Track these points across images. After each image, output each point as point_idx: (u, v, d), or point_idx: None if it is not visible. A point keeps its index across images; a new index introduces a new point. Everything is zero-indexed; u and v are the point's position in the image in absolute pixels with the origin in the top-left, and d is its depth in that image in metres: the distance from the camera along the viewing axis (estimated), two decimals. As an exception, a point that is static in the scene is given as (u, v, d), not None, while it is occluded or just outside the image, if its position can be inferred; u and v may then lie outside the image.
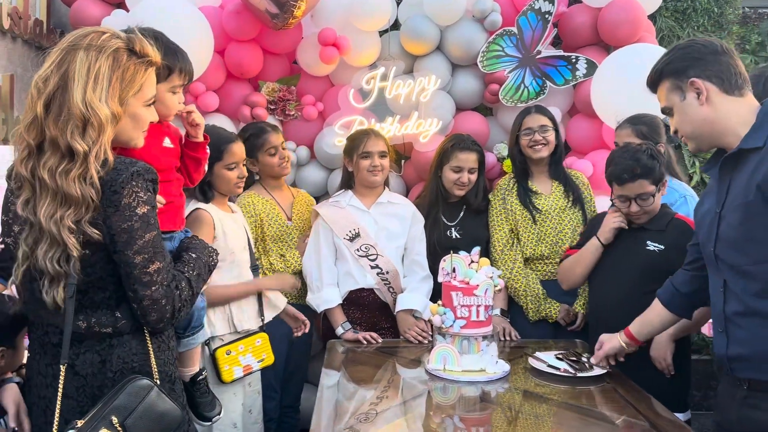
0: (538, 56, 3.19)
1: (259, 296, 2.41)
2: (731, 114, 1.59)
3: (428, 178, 2.95)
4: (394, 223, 2.72)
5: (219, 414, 1.93)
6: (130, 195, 1.36)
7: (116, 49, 1.39)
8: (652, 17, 3.57)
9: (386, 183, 2.83)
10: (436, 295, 2.67)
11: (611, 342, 2.10)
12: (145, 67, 1.44)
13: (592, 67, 3.14)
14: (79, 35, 1.39)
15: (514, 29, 3.17)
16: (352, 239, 2.65)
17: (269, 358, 2.33)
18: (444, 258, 2.23)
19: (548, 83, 3.19)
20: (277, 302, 2.50)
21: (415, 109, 3.24)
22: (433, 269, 2.70)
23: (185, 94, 3.16)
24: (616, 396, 1.98)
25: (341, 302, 2.63)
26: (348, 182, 2.81)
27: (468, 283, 2.14)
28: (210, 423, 1.91)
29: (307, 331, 2.62)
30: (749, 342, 1.57)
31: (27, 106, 1.38)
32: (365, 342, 2.52)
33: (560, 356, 2.23)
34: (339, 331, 2.58)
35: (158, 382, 1.45)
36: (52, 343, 1.43)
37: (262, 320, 2.39)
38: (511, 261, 2.71)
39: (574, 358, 2.19)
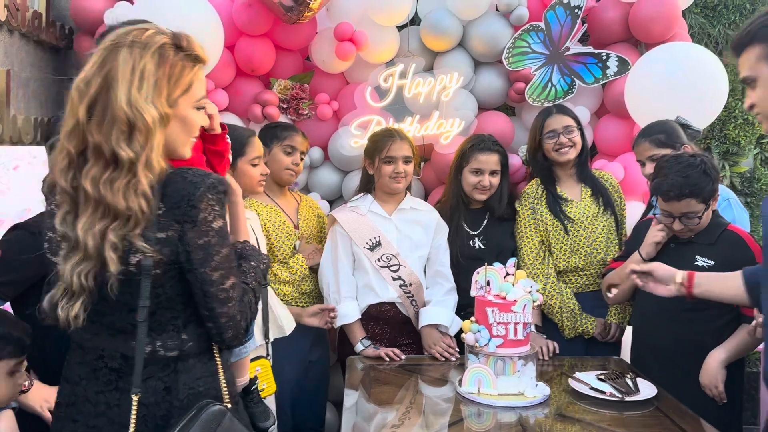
0: (567, 53, 3.02)
1: (265, 314, 2.21)
2: None
3: (447, 181, 2.78)
4: (417, 232, 2.54)
5: (274, 423, 1.80)
6: (206, 209, 1.26)
7: (162, 45, 1.27)
8: (682, 14, 3.40)
9: (407, 187, 2.65)
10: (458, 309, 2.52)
11: (667, 270, 1.89)
12: (192, 64, 1.32)
13: (623, 65, 2.97)
14: (121, 33, 1.27)
15: (542, 24, 3.00)
16: (372, 248, 2.47)
17: (270, 388, 2.10)
18: (477, 270, 2.05)
19: (577, 82, 3.02)
20: (284, 324, 2.31)
21: (436, 108, 3.07)
22: (455, 281, 2.54)
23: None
24: (667, 422, 1.82)
25: (359, 317, 2.45)
26: (367, 185, 2.62)
27: (505, 298, 1.97)
28: None
29: (334, 315, 2.41)
30: None
31: (67, 112, 1.26)
32: (387, 359, 2.34)
33: (602, 377, 2.06)
34: (359, 347, 2.40)
35: (229, 405, 1.35)
36: (109, 368, 1.31)
37: (267, 342, 2.20)
38: (544, 276, 2.52)
39: (618, 380, 2.02)
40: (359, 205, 2.55)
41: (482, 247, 2.63)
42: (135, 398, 1.26)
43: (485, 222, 2.67)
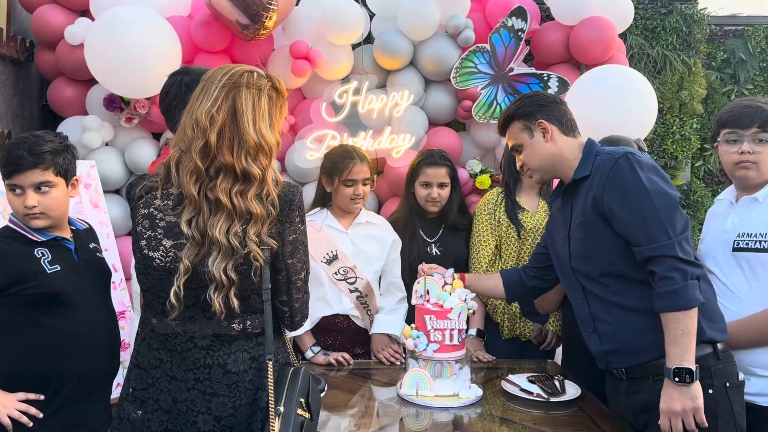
0: (511, 73, 3.19)
1: None
2: (567, 150, 1.93)
3: (402, 194, 2.91)
4: (373, 246, 2.62)
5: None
6: (298, 213, 1.56)
7: (269, 88, 1.55)
8: (622, 35, 3.61)
9: None
10: (411, 316, 2.63)
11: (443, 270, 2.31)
12: (284, 103, 1.62)
13: (563, 85, 3.15)
14: (232, 74, 1.52)
15: (487, 46, 3.17)
16: (329, 262, 2.55)
17: None
18: (417, 280, 2.19)
19: (521, 100, 3.19)
20: None
21: (388, 124, 3.21)
22: (411, 287, 2.65)
23: (151, 105, 3.10)
24: (588, 422, 1.96)
25: (309, 328, 2.52)
26: (323, 200, 2.67)
27: (442, 306, 2.10)
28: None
29: None
30: (616, 334, 1.84)
31: (194, 135, 1.49)
32: (337, 364, 2.45)
33: (532, 379, 2.20)
34: (308, 354, 2.49)
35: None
36: (199, 347, 1.53)
37: None
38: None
39: (547, 381, 2.17)
40: (315, 220, 2.59)
41: (439, 253, 2.74)
42: (270, 364, 1.52)
43: (441, 230, 2.79)
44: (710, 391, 1.73)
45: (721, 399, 1.75)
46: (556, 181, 3.14)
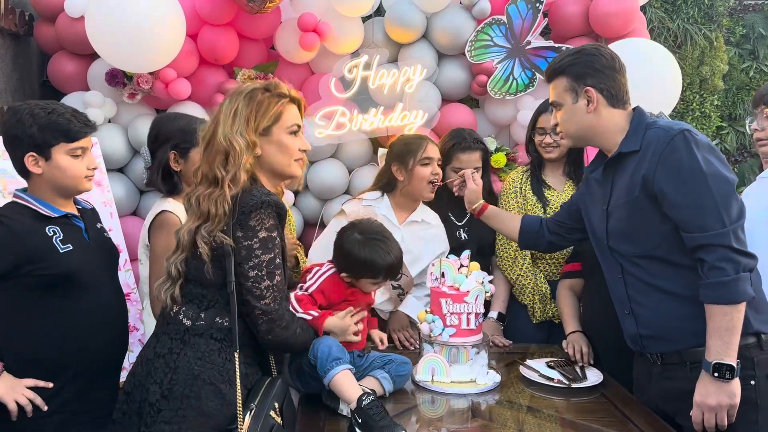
0: (528, 47, 3.07)
1: None
2: (610, 123, 1.80)
3: None
4: (419, 247, 2.49)
5: None
6: (255, 218, 1.57)
7: (252, 90, 1.64)
8: (642, 8, 3.48)
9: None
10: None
11: (477, 195, 2.37)
12: (277, 100, 1.65)
13: (583, 59, 3.03)
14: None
15: (504, 18, 3.05)
16: None
17: None
18: (433, 263, 2.10)
19: (538, 75, 3.08)
20: None
21: (400, 100, 3.11)
22: None
23: (155, 80, 3.00)
24: (611, 408, 1.89)
25: None
26: (386, 186, 2.54)
27: (458, 290, 2.02)
28: None
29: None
30: (654, 318, 1.76)
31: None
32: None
33: (552, 364, 2.13)
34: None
35: (239, 395, 1.58)
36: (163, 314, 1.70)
37: None
38: (522, 257, 2.55)
39: (567, 367, 2.10)
40: (374, 206, 2.49)
41: (466, 237, 2.65)
42: (236, 354, 1.57)
43: (468, 215, 2.68)
44: (752, 382, 1.65)
45: (764, 390, 1.67)
46: (588, 156, 3.04)
